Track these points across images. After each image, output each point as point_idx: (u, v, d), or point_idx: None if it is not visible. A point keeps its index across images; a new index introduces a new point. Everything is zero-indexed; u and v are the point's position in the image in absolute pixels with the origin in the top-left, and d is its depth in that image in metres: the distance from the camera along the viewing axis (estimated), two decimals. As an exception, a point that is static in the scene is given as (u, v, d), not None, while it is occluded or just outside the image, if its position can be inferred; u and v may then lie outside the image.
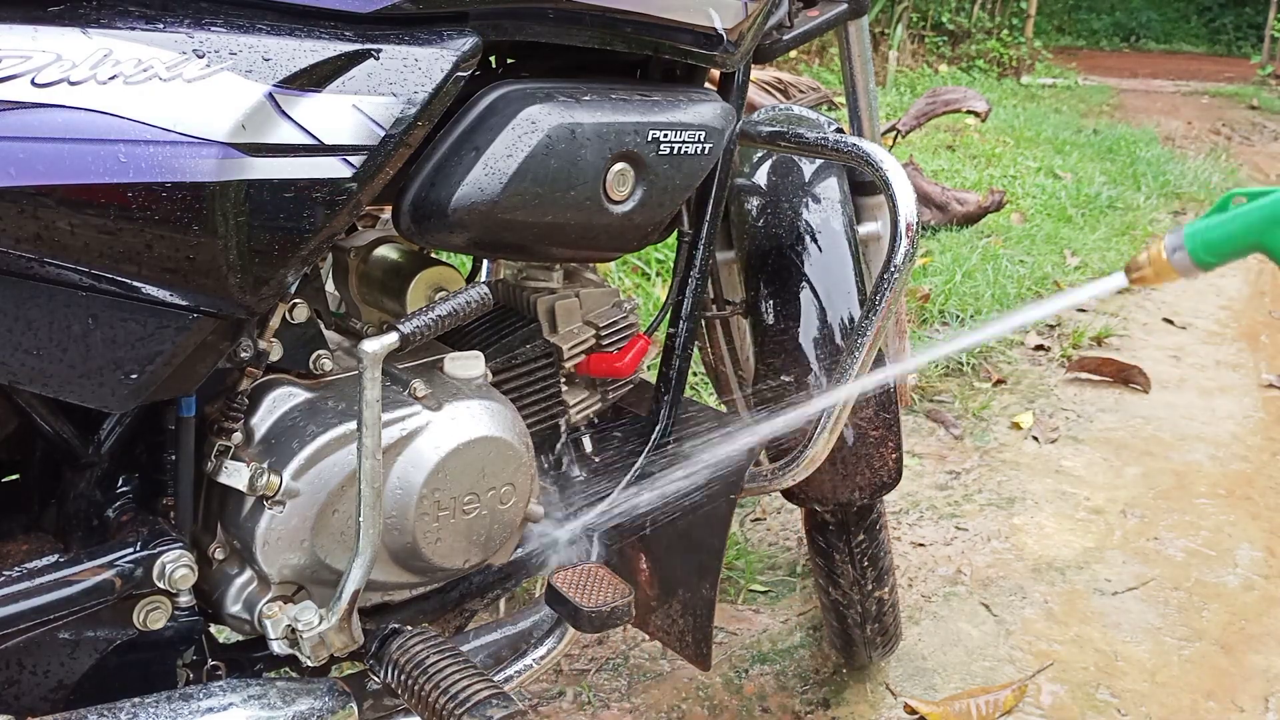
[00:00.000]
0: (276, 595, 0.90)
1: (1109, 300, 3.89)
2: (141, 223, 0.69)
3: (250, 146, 0.72)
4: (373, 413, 0.83)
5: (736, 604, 1.94)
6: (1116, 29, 17.55)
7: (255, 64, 0.73)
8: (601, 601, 1.03)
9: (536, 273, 1.16)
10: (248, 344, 0.86)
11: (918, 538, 2.21)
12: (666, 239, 1.16)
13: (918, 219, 1.05)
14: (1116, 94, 9.92)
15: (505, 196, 0.89)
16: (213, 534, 0.91)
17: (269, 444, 0.90)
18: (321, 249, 0.82)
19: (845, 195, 1.42)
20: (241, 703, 0.83)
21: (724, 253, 1.46)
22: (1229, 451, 2.71)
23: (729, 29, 1.06)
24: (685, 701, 1.66)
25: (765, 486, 1.18)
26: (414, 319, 0.86)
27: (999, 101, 7.82)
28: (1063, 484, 2.50)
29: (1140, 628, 1.93)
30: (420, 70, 0.80)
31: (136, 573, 0.83)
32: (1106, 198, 5.12)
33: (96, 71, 0.67)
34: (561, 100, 0.93)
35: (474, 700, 0.86)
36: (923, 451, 2.62)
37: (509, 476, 0.98)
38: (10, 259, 0.67)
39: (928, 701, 1.69)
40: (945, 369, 3.08)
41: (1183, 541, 2.26)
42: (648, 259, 3.03)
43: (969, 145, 6.14)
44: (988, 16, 10.68)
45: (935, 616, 1.94)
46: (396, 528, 0.92)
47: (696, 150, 1.04)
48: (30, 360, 0.71)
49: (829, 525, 1.50)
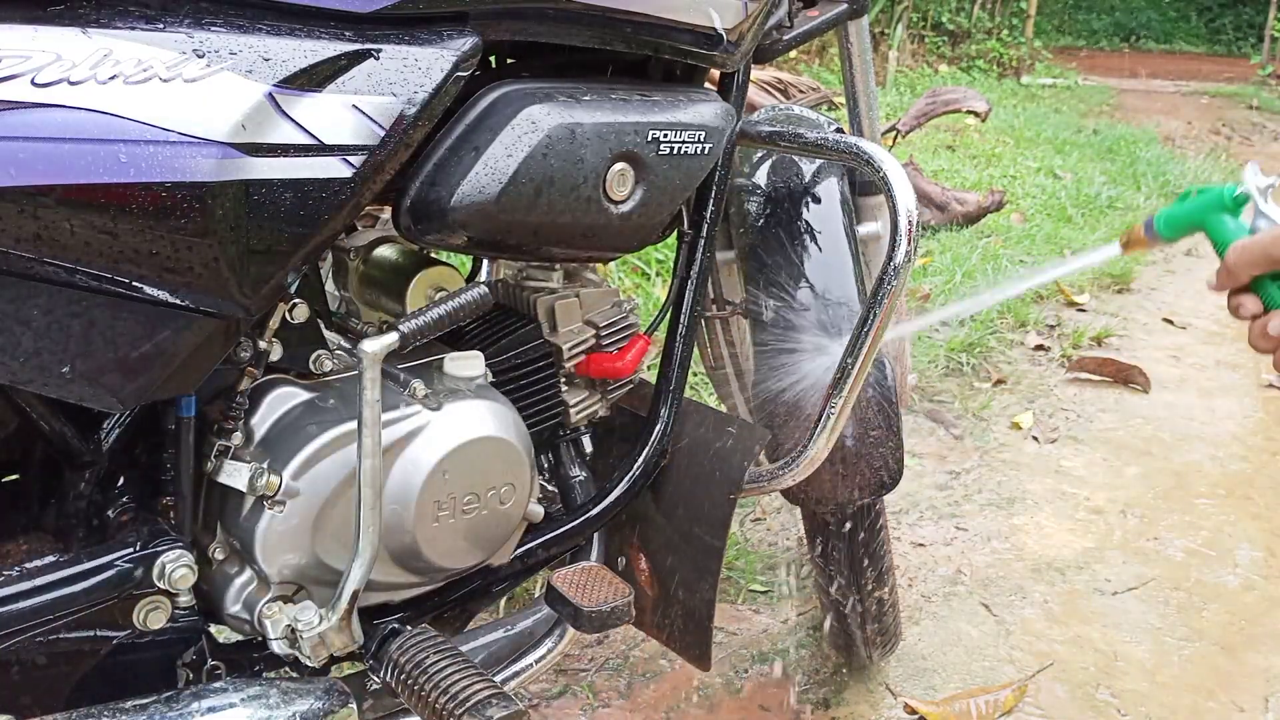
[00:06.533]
0: (276, 595, 0.90)
1: (1109, 300, 3.89)
2: (141, 223, 0.69)
3: (250, 146, 0.72)
4: (373, 413, 0.83)
5: (736, 604, 1.93)
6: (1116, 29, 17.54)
7: (255, 64, 0.73)
8: (601, 601, 1.03)
9: (536, 273, 1.16)
10: (247, 344, 0.86)
11: (918, 538, 2.21)
12: (666, 239, 1.16)
13: (918, 219, 1.05)
14: (1116, 94, 9.91)
15: (505, 196, 0.89)
16: (213, 534, 0.91)
17: (269, 444, 0.90)
18: (321, 249, 0.82)
19: (845, 195, 1.42)
20: (241, 703, 0.83)
21: (724, 253, 1.46)
22: (1229, 451, 2.71)
23: (729, 29, 1.06)
24: (685, 701, 1.66)
25: (765, 486, 1.18)
26: (414, 319, 0.86)
27: (999, 101, 7.81)
28: (1063, 484, 2.50)
29: (1140, 628, 1.93)
30: (420, 70, 0.80)
31: (136, 573, 0.83)
32: (1106, 198, 5.12)
33: (96, 71, 0.67)
34: (561, 100, 0.93)
35: (474, 700, 0.86)
36: (923, 451, 2.62)
37: (509, 476, 0.98)
38: (10, 259, 0.67)
39: (928, 701, 1.69)
40: (945, 369, 3.08)
41: (1183, 541, 2.26)
42: (648, 259, 3.03)
43: (969, 145, 6.14)
44: (988, 16, 10.67)
45: (935, 616, 1.94)
46: (396, 528, 0.92)
47: (696, 150, 1.04)
48: (30, 360, 0.71)
49: (829, 525, 1.50)
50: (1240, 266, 0.87)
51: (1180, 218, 0.95)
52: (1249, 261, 0.87)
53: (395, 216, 0.90)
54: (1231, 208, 0.91)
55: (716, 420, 1.19)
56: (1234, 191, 0.91)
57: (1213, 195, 0.92)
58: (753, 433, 1.16)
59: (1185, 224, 0.94)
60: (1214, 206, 0.92)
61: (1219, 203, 0.91)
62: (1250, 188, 0.90)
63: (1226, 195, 0.91)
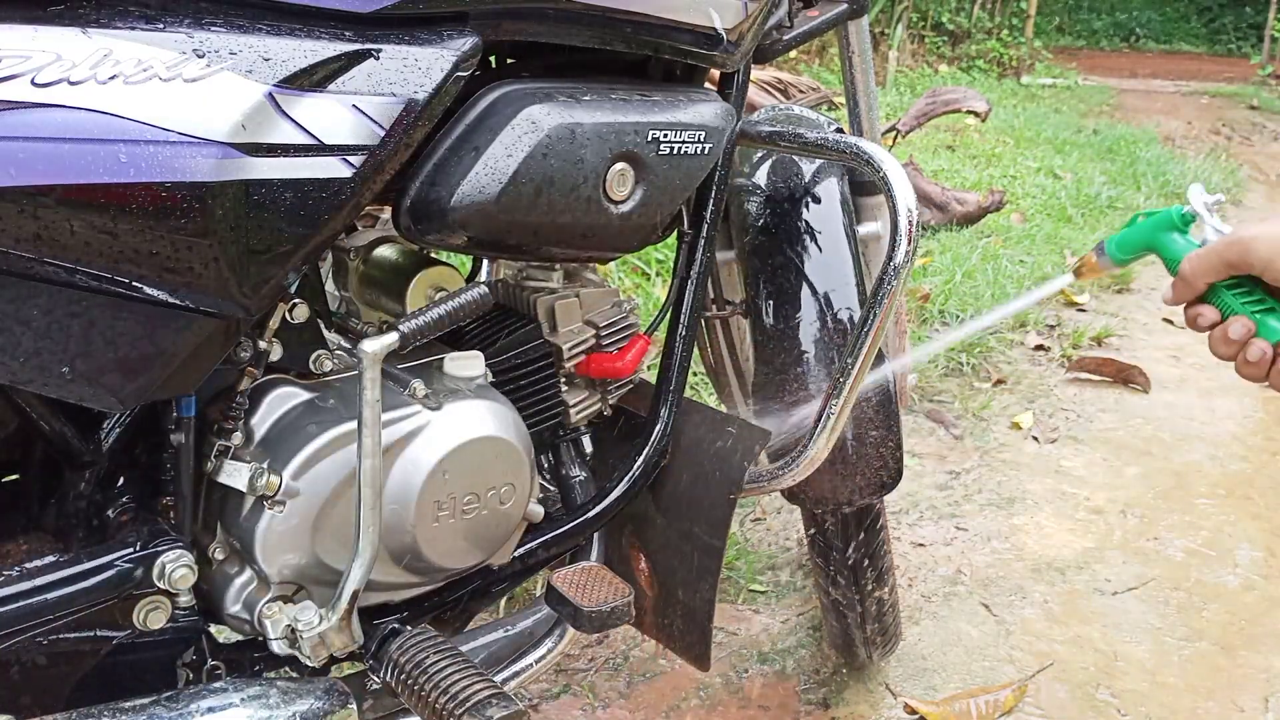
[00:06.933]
0: (276, 595, 0.90)
1: (1109, 300, 3.89)
2: (141, 223, 0.69)
3: (250, 146, 0.72)
4: (373, 413, 0.83)
5: (736, 604, 1.94)
6: (1116, 29, 17.54)
7: (255, 64, 0.73)
8: (601, 601, 1.03)
9: (536, 273, 1.16)
10: (248, 344, 0.86)
11: (918, 538, 2.21)
12: (666, 239, 1.16)
13: (918, 219, 1.05)
14: (1116, 94, 9.91)
15: (505, 196, 0.89)
16: (213, 534, 0.91)
17: (269, 444, 0.90)
18: (321, 249, 0.82)
19: (845, 195, 1.42)
20: (241, 703, 0.82)
21: (724, 253, 1.46)
22: (1229, 451, 2.71)
23: (729, 29, 1.06)
24: (685, 701, 1.67)
25: (765, 486, 1.18)
26: (414, 319, 0.86)
27: (999, 101, 7.81)
28: (1063, 484, 2.50)
29: (1140, 628, 1.93)
30: (420, 70, 0.80)
31: (136, 573, 0.83)
32: (1106, 198, 5.12)
33: (96, 71, 0.67)
34: (561, 100, 0.93)
35: (474, 700, 0.86)
36: (923, 451, 2.62)
37: (509, 476, 0.98)
38: (10, 259, 0.67)
39: (928, 701, 1.69)
40: (945, 369, 3.08)
41: (1183, 541, 2.26)
42: (648, 259, 3.03)
43: (969, 145, 6.14)
44: (988, 16, 10.67)
45: (935, 616, 1.94)
46: (396, 528, 0.92)
47: (696, 150, 1.04)
48: (30, 360, 0.71)
49: (829, 525, 1.50)
50: (1196, 275, 0.89)
51: (1131, 240, 0.98)
52: (1204, 270, 0.89)
53: (395, 216, 0.90)
54: (1180, 226, 0.94)
55: (716, 420, 1.19)
56: (1181, 211, 0.94)
57: (1161, 216, 0.95)
58: (753, 433, 1.16)
59: (1137, 246, 0.97)
60: (1163, 226, 0.95)
61: (1168, 223, 0.95)
62: (1196, 206, 0.94)
63: (1175, 215, 0.95)
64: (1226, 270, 0.88)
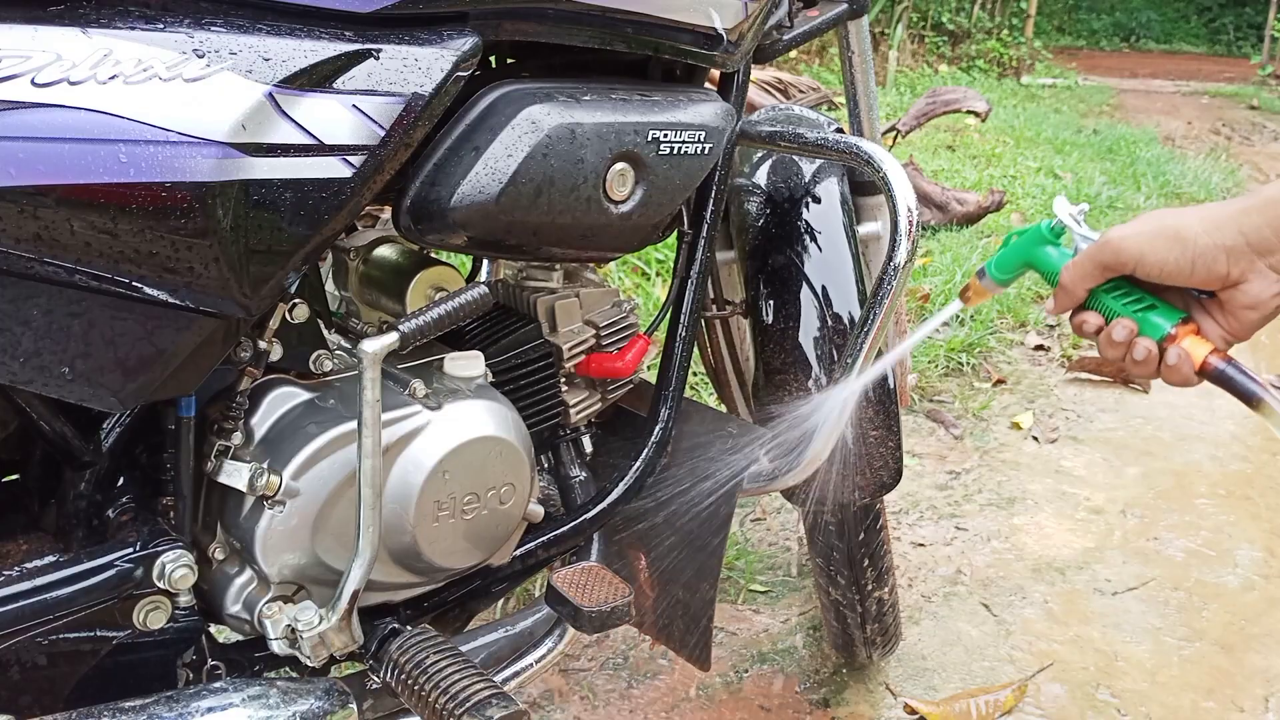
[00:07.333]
0: (276, 595, 0.90)
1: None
2: (141, 222, 0.69)
3: (250, 146, 0.72)
4: (373, 413, 0.83)
5: (736, 604, 1.94)
6: (1116, 29, 17.55)
7: (255, 64, 0.73)
8: (601, 601, 1.03)
9: (536, 273, 1.16)
10: (248, 344, 0.86)
11: (918, 538, 2.21)
12: (666, 239, 1.16)
13: (918, 219, 1.05)
14: (1116, 94, 9.92)
15: (505, 196, 0.89)
16: (213, 534, 0.91)
17: (269, 444, 0.90)
18: (321, 249, 0.82)
19: (845, 195, 1.42)
20: (241, 703, 0.82)
21: (724, 253, 1.46)
22: (1229, 451, 2.71)
23: (729, 29, 1.06)
24: (685, 701, 1.67)
25: (765, 486, 1.18)
26: (414, 319, 0.85)
27: (999, 101, 7.82)
28: (1063, 484, 2.50)
29: (1140, 628, 1.93)
30: (420, 70, 0.80)
31: (136, 573, 0.83)
32: (1106, 198, 5.12)
33: (96, 71, 0.67)
34: (561, 100, 0.93)
35: (474, 700, 0.85)
36: (923, 451, 2.62)
37: (509, 476, 0.98)
38: (10, 259, 0.67)
39: (928, 701, 1.69)
40: (945, 369, 3.08)
41: (1183, 542, 2.26)
42: (648, 259, 3.03)
43: (969, 145, 6.14)
44: (988, 16, 10.68)
45: (935, 616, 1.94)
46: (396, 528, 0.92)
47: (696, 150, 1.04)
48: (30, 360, 0.71)
49: (829, 525, 1.50)
50: (1074, 283, 0.89)
51: (1008, 260, 0.98)
52: (1081, 277, 0.89)
53: (395, 216, 0.90)
54: (1052, 239, 0.95)
55: (716, 420, 1.19)
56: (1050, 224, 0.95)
57: (1032, 232, 0.96)
58: (753, 433, 1.16)
59: (1014, 264, 0.98)
60: (1035, 242, 0.96)
61: (1039, 237, 0.95)
62: (1063, 216, 0.94)
63: (1044, 229, 0.95)
64: (1102, 274, 0.88)
